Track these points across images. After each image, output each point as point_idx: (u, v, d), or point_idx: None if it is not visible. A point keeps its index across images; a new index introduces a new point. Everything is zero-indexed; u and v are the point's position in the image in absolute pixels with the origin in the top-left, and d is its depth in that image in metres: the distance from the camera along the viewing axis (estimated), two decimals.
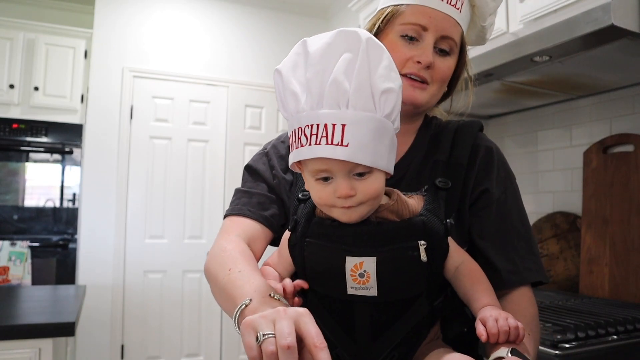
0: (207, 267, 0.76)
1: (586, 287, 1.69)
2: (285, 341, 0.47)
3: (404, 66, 0.78)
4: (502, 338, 0.59)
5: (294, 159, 0.63)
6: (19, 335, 1.40)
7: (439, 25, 0.78)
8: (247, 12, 3.46)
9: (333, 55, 0.60)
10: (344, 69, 0.59)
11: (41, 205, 3.04)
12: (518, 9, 1.59)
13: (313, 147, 0.59)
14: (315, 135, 0.59)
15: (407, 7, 0.79)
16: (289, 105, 0.62)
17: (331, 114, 0.58)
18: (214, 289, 0.74)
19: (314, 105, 0.60)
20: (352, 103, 0.58)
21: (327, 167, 0.60)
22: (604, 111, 1.79)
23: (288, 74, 0.63)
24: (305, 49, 0.63)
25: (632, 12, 1.21)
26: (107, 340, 2.93)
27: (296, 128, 0.61)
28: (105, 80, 3.06)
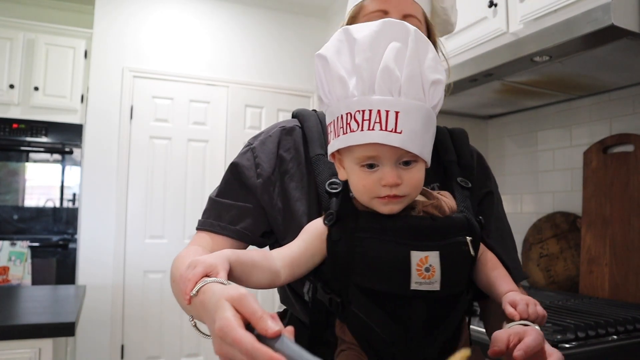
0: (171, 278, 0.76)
1: (586, 287, 1.69)
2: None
3: None
4: (538, 322, 0.62)
5: (342, 144, 0.62)
6: (19, 335, 1.40)
7: (398, 6, 0.81)
8: (247, 12, 3.46)
9: (381, 43, 0.60)
10: (393, 57, 0.59)
11: (41, 205, 3.04)
12: (518, 9, 1.59)
13: (366, 133, 0.58)
14: (368, 120, 0.58)
15: (366, 1, 0.84)
16: (335, 90, 0.62)
17: (384, 100, 0.58)
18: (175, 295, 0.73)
19: (365, 91, 0.59)
20: (404, 91, 0.59)
21: (376, 154, 0.60)
22: (604, 111, 1.79)
23: (333, 59, 0.62)
24: (350, 36, 0.62)
25: (632, 12, 1.21)
26: (107, 340, 2.93)
27: (344, 114, 0.61)
28: (105, 80, 3.06)
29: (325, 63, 0.64)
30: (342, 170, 0.67)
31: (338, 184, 0.71)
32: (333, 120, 0.63)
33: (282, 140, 0.84)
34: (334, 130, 0.63)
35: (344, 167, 0.66)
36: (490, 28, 1.71)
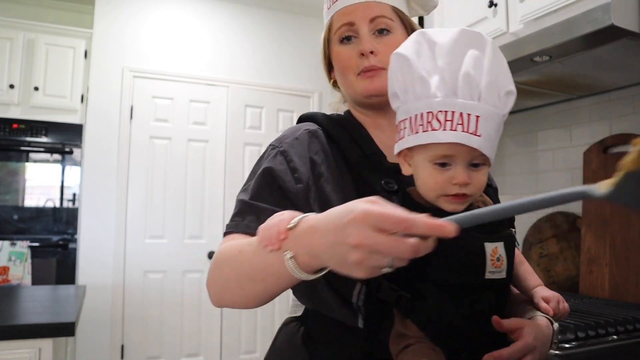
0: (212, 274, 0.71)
1: (586, 287, 1.69)
2: (408, 253, 0.47)
3: (356, 65, 0.83)
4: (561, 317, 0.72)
5: (423, 141, 0.64)
6: (19, 335, 1.40)
7: (363, 14, 0.82)
8: (247, 12, 3.46)
9: (460, 49, 0.64)
10: (473, 64, 0.63)
11: (41, 205, 3.04)
12: (518, 9, 1.59)
13: (449, 132, 0.62)
14: (451, 121, 0.62)
15: (333, 18, 0.87)
16: (414, 89, 0.65)
17: (467, 104, 0.62)
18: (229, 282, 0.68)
19: (448, 93, 0.63)
20: (484, 97, 0.63)
21: (452, 153, 0.63)
22: (604, 111, 1.79)
23: (414, 59, 0.65)
24: (429, 39, 0.66)
25: (632, 12, 1.21)
26: (107, 340, 2.93)
27: (424, 112, 0.64)
28: (105, 80, 3.06)
29: (405, 62, 0.66)
30: (407, 166, 0.70)
31: (393, 182, 0.73)
32: (409, 117, 0.66)
33: (311, 143, 0.82)
34: (409, 127, 0.66)
35: (410, 163, 0.69)
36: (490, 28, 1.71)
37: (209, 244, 3.22)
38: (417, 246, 0.47)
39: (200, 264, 3.18)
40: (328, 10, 0.89)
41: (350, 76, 0.85)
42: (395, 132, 0.75)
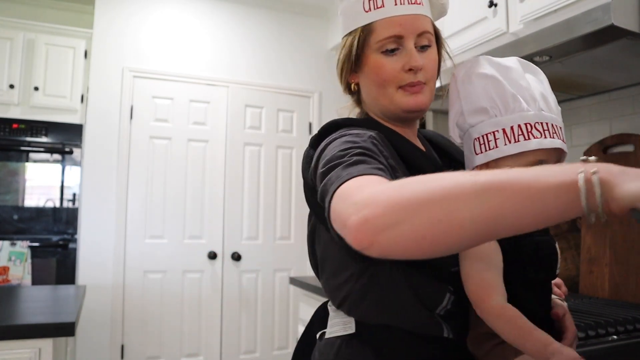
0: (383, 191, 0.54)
1: (586, 287, 1.69)
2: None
3: (399, 79, 0.81)
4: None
5: (532, 146, 0.73)
6: (19, 335, 1.40)
7: (412, 28, 0.80)
8: (247, 12, 3.46)
9: (524, 74, 0.79)
10: (538, 86, 0.78)
11: (41, 205, 3.03)
12: (518, 9, 1.59)
13: (552, 140, 0.74)
14: (548, 131, 0.74)
15: (376, 24, 0.81)
16: (508, 105, 0.76)
17: (553, 117, 0.76)
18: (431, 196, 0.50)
19: (537, 108, 0.75)
20: (556, 112, 0.78)
21: (546, 158, 0.75)
22: (604, 111, 1.79)
23: (502, 79, 0.77)
24: (499, 63, 0.79)
25: (632, 12, 1.21)
26: (107, 340, 2.93)
27: (522, 123, 0.74)
28: (105, 80, 3.06)
29: (496, 81, 0.77)
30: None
31: None
32: (502, 129, 0.76)
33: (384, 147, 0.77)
34: (503, 137, 0.75)
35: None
36: (490, 28, 1.71)
37: (209, 244, 3.22)
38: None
39: (200, 264, 3.18)
40: (367, 13, 0.82)
41: (391, 89, 0.82)
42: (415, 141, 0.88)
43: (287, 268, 3.41)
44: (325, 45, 3.68)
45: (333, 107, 3.61)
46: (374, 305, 0.78)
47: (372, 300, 0.78)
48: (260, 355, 3.28)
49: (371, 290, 0.77)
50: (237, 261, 3.27)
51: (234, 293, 3.24)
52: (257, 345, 3.28)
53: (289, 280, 3.00)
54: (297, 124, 3.54)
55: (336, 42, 3.53)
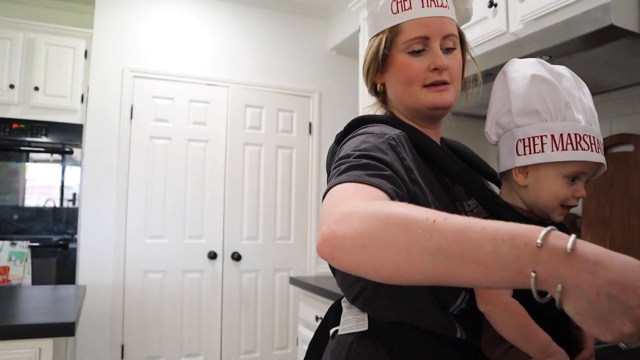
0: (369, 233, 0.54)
1: None
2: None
3: (424, 78, 0.84)
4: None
5: (579, 157, 0.74)
6: (19, 335, 1.40)
7: (438, 30, 0.83)
8: (247, 12, 3.46)
9: (577, 85, 0.79)
10: (586, 99, 0.79)
11: (41, 205, 3.04)
12: (518, 9, 1.59)
13: (596, 154, 0.75)
14: (595, 145, 0.76)
15: (404, 25, 0.84)
16: (561, 112, 0.76)
17: (597, 131, 0.77)
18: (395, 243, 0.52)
19: (586, 120, 0.77)
20: (596, 124, 0.78)
21: (586, 171, 0.77)
22: (604, 111, 1.79)
23: (558, 85, 0.77)
24: (553, 70, 0.79)
25: (632, 12, 1.21)
26: (107, 340, 2.93)
27: (571, 133, 0.75)
28: (105, 80, 3.06)
29: (551, 86, 0.76)
30: (523, 178, 0.79)
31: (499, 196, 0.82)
32: (551, 134, 0.76)
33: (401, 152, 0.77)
34: (551, 143, 0.76)
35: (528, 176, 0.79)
36: (490, 28, 1.71)
37: (209, 244, 3.22)
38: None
39: (200, 264, 3.18)
40: (394, 15, 0.85)
41: (416, 87, 0.85)
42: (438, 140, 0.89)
43: (287, 268, 3.41)
44: (325, 45, 3.68)
45: (333, 107, 3.61)
46: (388, 300, 0.78)
47: (387, 294, 0.78)
48: (260, 355, 3.28)
49: (385, 286, 0.74)
50: (237, 261, 3.27)
51: (234, 293, 3.25)
52: (257, 345, 3.29)
53: (289, 280, 3.00)
54: (297, 124, 3.54)
55: (336, 42, 3.54)
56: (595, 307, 0.45)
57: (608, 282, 0.44)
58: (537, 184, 0.78)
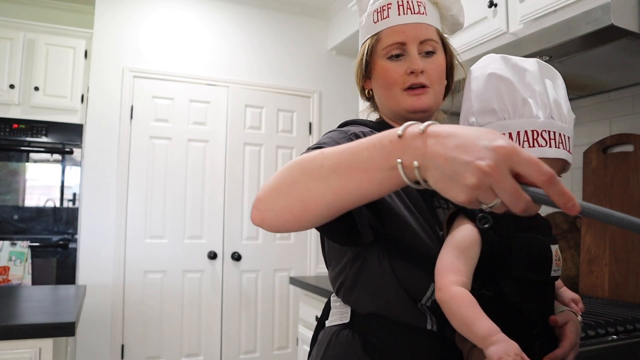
0: (274, 177, 0.64)
1: (586, 287, 1.69)
2: (521, 207, 0.47)
3: (403, 82, 0.88)
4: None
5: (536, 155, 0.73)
6: (19, 335, 1.40)
7: (414, 35, 0.87)
8: (247, 12, 3.46)
9: (542, 78, 0.76)
10: (555, 92, 0.76)
11: (41, 205, 3.04)
12: (518, 9, 1.59)
13: (555, 150, 0.73)
14: (554, 140, 0.73)
15: (382, 33, 0.90)
16: (518, 109, 0.74)
17: (562, 126, 0.74)
18: (298, 179, 0.61)
19: (548, 115, 0.74)
20: (567, 121, 0.75)
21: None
22: (604, 111, 1.79)
23: (515, 81, 0.75)
24: (515, 64, 0.76)
25: (632, 12, 1.21)
26: (107, 340, 2.93)
27: (528, 130, 0.73)
28: (105, 80, 3.06)
29: (507, 83, 0.75)
30: None
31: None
32: (508, 133, 0.75)
33: None
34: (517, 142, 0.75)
35: None
36: (490, 28, 1.71)
37: (209, 244, 3.22)
38: (529, 207, 0.48)
39: (200, 264, 3.18)
40: (375, 23, 0.91)
41: (396, 91, 0.89)
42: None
43: (287, 268, 3.41)
44: (325, 45, 3.68)
45: (333, 107, 3.61)
46: (364, 291, 0.82)
47: (363, 286, 0.82)
48: (260, 355, 3.28)
49: (362, 276, 0.82)
50: (237, 261, 3.27)
51: (234, 293, 3.25)
52: (257, 345, 3.29)
53: (289, 280, 3.00)
54: (297, 124, 3.54)
55: (336, 42, 3.54)
56: (445, 171, 0.50)
57: (454, 147, 0.50)
58: None
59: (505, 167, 0.47)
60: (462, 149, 0.50)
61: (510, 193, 0.47)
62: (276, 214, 0.63)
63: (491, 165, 0.47)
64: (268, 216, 0.64)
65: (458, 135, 0.51)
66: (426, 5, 0.89)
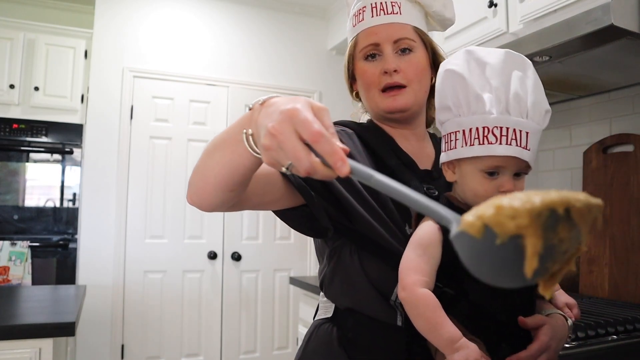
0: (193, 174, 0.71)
1: (586, 287, 1.69)
2: (304, 165, 0.48)
3: (379, 82, 0.88)
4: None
5: (480, 153, 0.71)
6: (19, 335, 1.40)
7: (387, 36, 0.88)
8: (247, 12, 3.46)
9: (507, 70, 0.72)
10: (519, 85, 0.71)
11: (41, 205, 3.04)
12: (518, 9, 1.59)
13: (505, 147, 0.70)
14: (506, 136, 0.70)
15: (359, 36, 0.92)
16: (470, 105, 0.72)
17: (519, 121, 0.70)
18: (201, 158, 0.69)
19: (502, 110, 0.70)
20: (530, 115, 0.71)
21: (503, 165, 0.71)
22: (604, 111, 1.79)
23: (468, 77, 0.73)
24: (478, 58, 0.74)
25: (632, 12, 1.21)
26: (107, 340, 2.93)
27: (480, 127, 0.71)
28: (105, 80, 3.06)
29: (459, 79, 0.73)
30: (452, 174, 0.77)
31: (433, 188, 0.80)
32: (462, 129, 0.73)
33: (346, 143, 0.85)
34: (462, 139, 0.73)
35: (455, 171, 0.76)
36: (490, 28, 1.71)
37: (209, 244, 3.22)
38: (315, 167, 0.48)
39: (201, 264, 3.18)
40: (353, 27, 0.94)
41: (374, 92, 0.90)
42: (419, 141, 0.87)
43: (287, 268, 3.41)
44: (325, 45, 3.68)
45: (333, 107, 3.61)
46: (340, 287, 0.86)
47: (339, 282, 0.85)
48: (260, 355, 3.28)
49: (338, 272, 0.85)
50: (237, 261, 3.27)
51: (234, 293, 3.25)
52: (257, 345, 3.29)
53: (289, 280, 3.00)
54: None
55: (336, 42, 3.54)
56: (259, 137, 0.53)
57: (265, 114, 0.53)
58: (461, 179, 0.75)
59: (289, 129, 0.48)
60: (268, 115, 0.52)
61: (292, 154, 0.48)
62: (194, 191, 0.70)
63: (275, 127, 0.49)
64: (190, 194, 0.71)
65: (274, 104, 0.53)
66: (402, 4, 0.90)
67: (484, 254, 0.39)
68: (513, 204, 0.38)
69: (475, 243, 0.40)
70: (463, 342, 0.63)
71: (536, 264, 0.38)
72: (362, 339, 0.82)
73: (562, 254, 0.39)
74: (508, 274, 0.40)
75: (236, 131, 0.61)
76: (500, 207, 0.38)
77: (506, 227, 0.38)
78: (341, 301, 0.86)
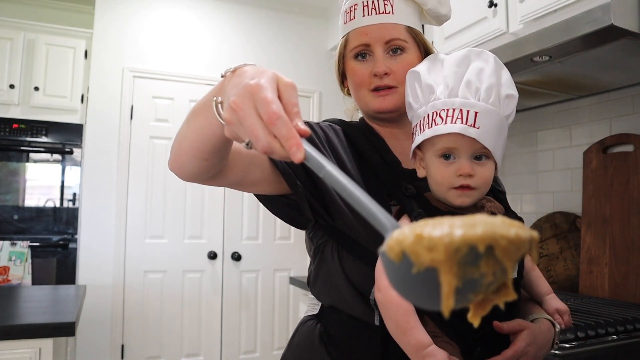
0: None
1: (586, 287, 1.69)
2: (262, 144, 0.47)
3: (369, 83, 0.88)
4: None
5: (427, 135, 0.72)
6: (19, 335, 1.40)
7: (378, 36, 0.87)
8: (247, 12, 3.46)
9: (466, 62, 0.74)
10: (476, 73, 0.72)
11: (41, 205, 3.04)
12: (518, 9, 1.59)
13: (449, 125, 0.69)
14: (451, 117, 0.70)
15: (349, 35, 0.90)
16: (424, 96, 0.74)
17: (465, 102, 0.70)
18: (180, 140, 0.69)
19: (449, 94, 0.71)
20: (482, 97, 0.71)
21: (455, 146, 0.70)
22: (604, 111, 1.79)
23: (424, 73, 0.76)
24: (440, 57, 0.77)
25: (632, 12, 1.21)
26: (107, 340, 2.93)
27: (430, 113, 0.72)
28: (105, 80, 3.06)
29: (417, 76, 0.76)
30: (422, 168, 0.77)
31: (411, 187, 0.80)
32: (419, 120, 0.75)
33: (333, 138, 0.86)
34: (419, 129, 0.75)
35: (422, 165, 0.77)
36: (490, 28, 1.71)
37: (209, 244, 3.22)
38: (273, 147, 0.46)
39: (201, 264, 3.18)
40: (345, 25, 0.92)
41: (363, 92, 0.89)
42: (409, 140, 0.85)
43: (287, 268, 3.41)
44: (325, 45, 3.68)
45: (333, 107, 3.61)
46: (322, 285, 0.87)
47: (322, 280, 0.87)
48: (260, 355, 3.28)
49: (321, 270, 0.87)
50: (237, 261, 3.27)
51: (234, 293, 3.25)
52: (257, 345, 3.29)
53: (289, 280, 3.00)
54: None
55: (336, 42, 3.53)
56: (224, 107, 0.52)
57: (232, 85, 0.52)
58: (427, 172, 0.76)
59: (249, 105, 0.47)
60: (234, 86, 0.51)
61: (251, 131, 0.47)
62: (173, 158, 0.72)
63: (236, 102, 0.48)
64: (170, 160, 0.73)
65: (242, 74, 0.53)
66: (394, 3, 0.87)
67: (405, 277, 0.38)
68: (432, 234, 0.36)
69: (395, 266, 0.38)
70: (431, 350, 0.62)
71: (452, 304, 0.36)
72: (342, 337, 0.83)
73: (486, 286, 0.38)
74: (429, 299, 0.38)
75: (209, 98, 0.61)
76: (419, 237, 0.36)
77: (422, 259, 0.36)
78: (324, 299, 0.87)
